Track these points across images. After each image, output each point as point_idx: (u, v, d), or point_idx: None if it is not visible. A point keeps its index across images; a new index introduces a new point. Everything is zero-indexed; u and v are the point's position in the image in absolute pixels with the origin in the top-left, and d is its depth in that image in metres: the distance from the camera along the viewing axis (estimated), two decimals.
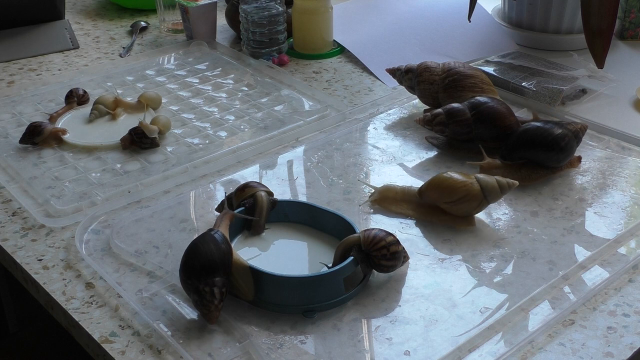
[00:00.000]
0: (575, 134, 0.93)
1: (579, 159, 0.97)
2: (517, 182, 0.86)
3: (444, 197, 0.85)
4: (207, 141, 1.05)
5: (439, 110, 1.00)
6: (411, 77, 1.10)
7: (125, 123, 1.07)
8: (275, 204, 0.83)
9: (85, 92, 1.14)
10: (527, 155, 0.93)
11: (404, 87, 1.13)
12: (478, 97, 1.00)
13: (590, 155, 1.00)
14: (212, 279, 0.70)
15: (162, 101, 1.14)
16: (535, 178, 0.93)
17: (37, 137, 1.02)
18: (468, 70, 1.06)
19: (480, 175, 0.86)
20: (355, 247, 0.75)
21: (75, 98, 1.12)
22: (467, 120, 0.97)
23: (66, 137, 1.04)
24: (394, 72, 1.13)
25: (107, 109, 1.09)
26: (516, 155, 0.94)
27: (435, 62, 1.09)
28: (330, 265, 0.75)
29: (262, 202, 0.82)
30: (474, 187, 0.84)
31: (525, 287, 0.76)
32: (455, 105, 0.99)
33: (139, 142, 1.01)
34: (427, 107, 1.10)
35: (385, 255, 0.74)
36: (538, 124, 0.94)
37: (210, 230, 0.75)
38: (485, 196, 0.85)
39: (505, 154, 0.94)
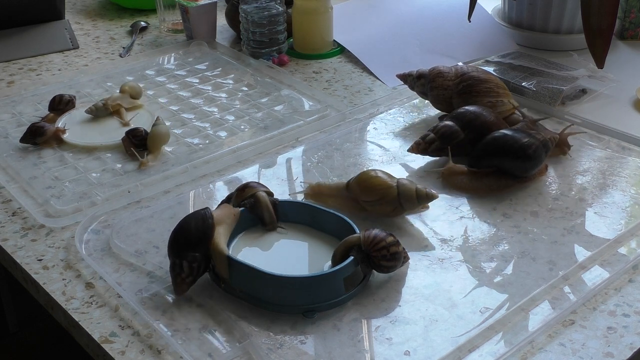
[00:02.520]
0: (543, 143, 0.91)
1: (546, 167, 0.95)
2: (437, 195, 0.85)
3: (362, 196, 0.85)
4: (207, 141, 1.05)
5: (432, 135, 0.96)
6: (424, 83, 1.07)
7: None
8: (275, 204, 0.83)
9: (70, 97, 1.11)
10: (494, 163, 0.91)
11: (407, 87, 1.12)
12: (467, 108, 0.97)
13: (590, 155, 1.00)
14: (184, 252, 0.74)
15: (162, 101, 1.14)
16: (497, 188, 0.91)
17: (39, 137, 1.02)
18: (482, 75, 1.04)
19: (403, 181, 0.85)
20: (355, 247, 0.75)
21: (61, 106, 1.10)
22: (462, 141, 0.95)
23: (66, 137, 1.04)
24: (405, 78, 1.11)
25: (105, 110, 1.09)
26: (484, 163, 0.92)
27: (446, 66, 1.08)
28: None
29: (265, 201, 0.82)
30: (391, 192, 0.84)
31: (525, 287, 0.76)
32: (447, 124, 0.96)
33: (138, 143, 1.01)
34: (440, 111, 1.09)
35: (385, 256, 0.74)
36: (507, 131, 0.92)
37: (204, 208, 0.77)
38: (401, 203, 0.84)
39: (473, 161, 0.93)
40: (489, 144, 0.92)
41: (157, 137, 1.00)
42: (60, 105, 1.10)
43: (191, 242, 0.75)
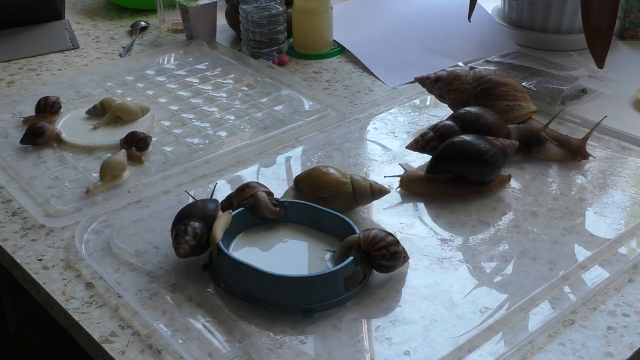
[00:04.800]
0: (502, 150, 0.90)
1: (509, 177, 0.93)
2: (389, 190, 0.87)
3: (316, 192, 0.85)
4: (207, 141, 1.05)
5: (431, 134, 0.96)
6: (441, 86, 1.06)
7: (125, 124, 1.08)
8: (276, 204, 0.83)
9: (57, 100, 1.10)
10: (451, 169, 0.91)
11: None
12: (469, 109, 0.97)
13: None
14: (189, 221, 0.77)
15: (162, 101, 1.14)
16: (453, 195, 0.91)
17: (39, 138, 1.02)
18: (500, 78, 1.03)
19: (356, 177, 0.86)
20: (355, 247, 0.75)
21: (47, 108, 1.08)
22: None
23: (66, 137, 1.04)
24: (423, 81, 1.09)
25: (103, 112, 1.09)
26: (440, 168, 0.91)
27: (464, 69, 1.07)
28: (333, 250, 0.76)
29: (265, 201, 0.82)
30: (346, 188, 0.85)
31: (525, 287, 0.76)
32: (447, 124, 0.96)
33: (141, 147, 1.00)
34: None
35: (385, 256, 0.74)
36: (466, 137, 0.91)
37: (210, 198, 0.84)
38: (356, 198, 0.85)
39: (429, 167, 0.92)
40: (447, 149, 0.91)
41: (108, 166, 0.95)
42: (47, 107, 1.09)
43: (195, 215, 0.78)
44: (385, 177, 0.94)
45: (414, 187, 0.92)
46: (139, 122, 1.08)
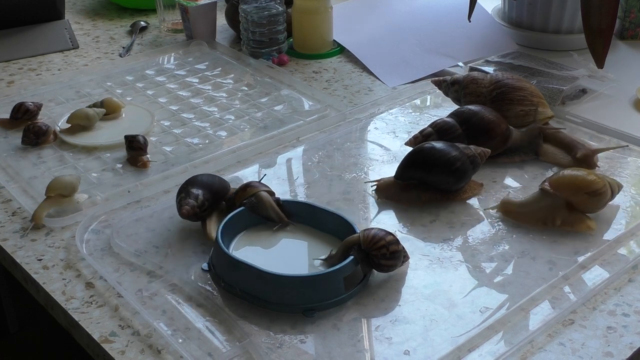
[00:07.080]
0: (471, 159, 0.89)
1: (481, 185, 0.93)
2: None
3: (583, 190, 0.84)
4: (207, 141, 1.05)
5: (429, 129, 0.96)
6: (457, 89, 1.05)
7: (124, 124, 1.08)
8: (279, 203, 0.83)
9: (34, 108, 1.08)
10: (418, 176, 0.90)
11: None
12: (468, 106, 0.97)
13: None
14: (202, 189, 0.83)
15: (162, 101, 1.14)
16: (424, 201, 0.90)
17: (41, 137, 1.02)
18: (516, 83, 1.02)
19: (607, 177, 0.87)
20: (355, 247, 0.75)
21: (19, 115, 1.07)
22: (459, 136, 0.95)
23: (66, 137, 1.04)
24: (439, 84, 1.09)
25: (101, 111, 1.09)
26: (407, 174, 0.90)
27: (482, 73, 1.06)
28: (324, 257, 0.76)
29: (268, 200, 0.82)
30: (604, 183, 0.85)
31: (525, 287, 0.76)
32: (445, 120, 0.97)
33: (140, 151, 1.01)
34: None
35: (384, 255, 0.74)
36: (435, 144, 0.90)
37: None
38: (612, 192, 0.86)
39: (397, 173, 0.91)
40: (415, 155, 0.90)
41: (55, 185, 0.89)
42: (18, 114, 1.07)
43: (210, 188, 0.84)
44: (365, 182, 0.94)
45: (387, 191, 0.91)
46: (98, 127, 1.06)
